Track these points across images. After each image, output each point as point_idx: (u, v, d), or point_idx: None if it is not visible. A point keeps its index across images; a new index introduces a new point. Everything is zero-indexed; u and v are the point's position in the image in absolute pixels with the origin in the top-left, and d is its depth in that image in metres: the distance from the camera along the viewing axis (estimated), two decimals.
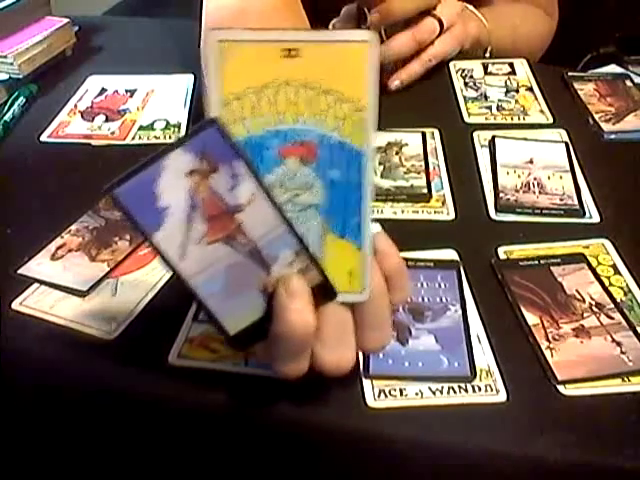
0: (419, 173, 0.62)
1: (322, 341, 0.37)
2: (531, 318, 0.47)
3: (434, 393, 0.43)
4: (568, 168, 0.62)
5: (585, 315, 0.47)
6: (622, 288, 0.50)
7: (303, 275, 0.36)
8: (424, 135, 0.67)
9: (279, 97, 0.34)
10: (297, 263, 0.35)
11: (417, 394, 0.43)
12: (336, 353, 0.37)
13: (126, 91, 0.77)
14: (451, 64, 0.79)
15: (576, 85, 0.75)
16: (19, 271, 0.52)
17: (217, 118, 0.33)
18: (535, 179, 0.61)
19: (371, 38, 0.33)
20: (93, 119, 0.72)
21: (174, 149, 0.33)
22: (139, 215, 0.33)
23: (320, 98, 0.34)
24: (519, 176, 0.61)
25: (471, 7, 0.80)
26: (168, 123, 0.71)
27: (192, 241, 0.34)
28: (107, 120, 0.72)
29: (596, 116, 0.69)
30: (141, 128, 0.70)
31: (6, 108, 0.73)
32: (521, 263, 0.52)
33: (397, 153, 0.64)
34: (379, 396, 0.42)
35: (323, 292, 0.36)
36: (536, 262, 0.52)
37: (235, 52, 0.34)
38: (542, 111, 0.71)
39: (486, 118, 0.70)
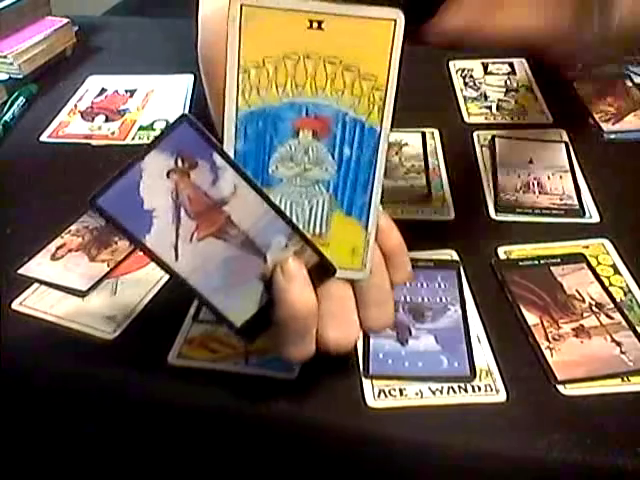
0: (419, 173, 0.62)
1: (325, 319, 0.36)
2: (531, 318, 0.47)
3: (434, 393, 0.43)
4: (568, 168, 0.62)
5: (585, 315, 0.47)
6: (622, 288, 0.50)
7: (299, 257, 0.35)
8: (424, 135, 0.67)
9: (299, 69, 0.34)
10: (291, 246, 0.35)
11: (417, 394, 0.43)
12: (340, 330, 0.37)
13: (126, 91, 0.77)
14: (451, 64, 0.79)
15: (576, 85, 0.75)
16: (19, 271, 0.52)
17: (187, 114, 0.33)
18: (535, 179, 0.61)
19: (398, 16, 0.33)
20: (93, 119, 0.72)
21: (149, 151, 0.32)
22: (126, 221, 0.33)
23: (340, 73, 0.34)
24: (519, 176, 0.61)
25: None
26: (168, 123, 0.71)
27: (183, 240, 0.34)
28: (107, 120, 0.72)
29: (596, 116, 0.69)
30: (141, 128, 0.70)
31: (6, 108, 0.73)
32: (521, 263, 0.52)
33: (397, 153, 0.64)
34: (379, 396, 0.42)
35: (321, 271, 0.36)
36: (536, 262, 0.52)
37: (257, 17, 0.33)
38: (542, 111, 0.71)
39: (486, 118, 0.70)
